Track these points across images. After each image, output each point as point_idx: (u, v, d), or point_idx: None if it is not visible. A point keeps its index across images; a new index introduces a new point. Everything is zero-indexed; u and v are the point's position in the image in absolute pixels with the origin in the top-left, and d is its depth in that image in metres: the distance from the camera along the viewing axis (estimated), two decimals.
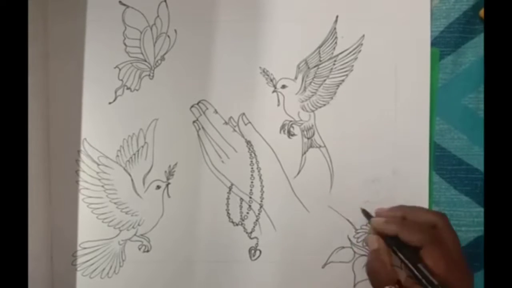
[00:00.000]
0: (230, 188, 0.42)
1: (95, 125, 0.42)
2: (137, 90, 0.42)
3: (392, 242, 0.34)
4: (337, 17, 0.42)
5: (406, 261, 0.33)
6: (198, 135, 0.42)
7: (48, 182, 0.42)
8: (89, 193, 0.42)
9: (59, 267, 0.42)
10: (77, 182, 0.42)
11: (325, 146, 0.42)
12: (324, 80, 0.42)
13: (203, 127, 0.42)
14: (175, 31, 0.42)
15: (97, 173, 0.42)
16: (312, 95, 0.42)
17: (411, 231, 0.33)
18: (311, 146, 0.42)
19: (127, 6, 0.42)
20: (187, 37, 0.42)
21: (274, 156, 0.42)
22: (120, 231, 0.42)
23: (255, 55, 0.42)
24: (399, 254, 0.33)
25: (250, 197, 0.42)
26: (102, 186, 0.42)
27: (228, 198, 0.42)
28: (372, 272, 0.34)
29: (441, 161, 0.42)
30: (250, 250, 0.42)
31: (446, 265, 0.32)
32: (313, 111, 0.42)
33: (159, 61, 0.42)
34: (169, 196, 0.42)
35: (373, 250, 0.35)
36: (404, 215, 0.36)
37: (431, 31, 0.42)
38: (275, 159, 0.42)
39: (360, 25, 0.42)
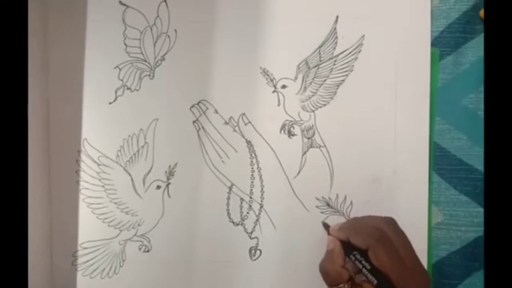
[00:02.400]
0: (230, 188, 0.42)
1: (95, 125, 0.42)
2: (137, 90, 0.42)
3: (345, 246, 0.36)
4: (337, 17, 0.42)
5: (356, 262, 0.34)
6: (198, 135, 0.42)
7: (48, 182, 0.42)
8: (89, 193, 0.42)
9: (59, 267, 0.42)
10: (77, 182, 0.42)
11: (325, 146, 0.42)
12: (324, 80, 0.42)
13: (203, 127, 0.42)
14: (175, 31, 0.42)
15: (97, 173, 0.42)
16: (313, 95, 0.42)
17: (358, 235, 0.35)
18: (311, 146, 0.42)
19: (127, 6, 0.42)
20: (187, 37, 0.42)
21: (274, 156, 0.42)
22: (120, 231, 0.42)
23: (255, 55, 0.42)
24: (351, 256, 0.35)
25: (251, 197, 0.42)
26: (103, 186, 0.42)
27: (228, 198, 0.42)
28: (323, 271, 0.36)
29: (441, 161, 0.42)
30: (250, 250, 0.42)
31: (391, 264, 0.33)
32: (313, 111, 0.42)
33: (159, 61, 0.42)
34: (169, 196, 0.42)
35: (328, 250, 0.37)
36: (354, 223, 0.38)
37: (431, 31, 0.42)
38: (275, 159, 0.42)
39: (360, 25, 0.42)
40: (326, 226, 0.40)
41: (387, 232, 0.34)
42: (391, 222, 0.36)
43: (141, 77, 0.42)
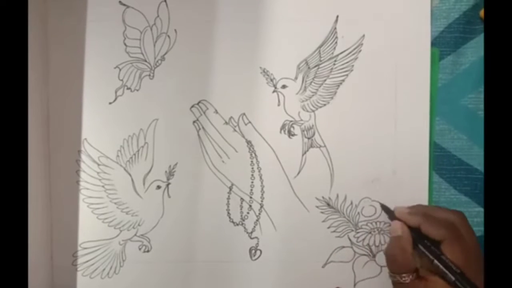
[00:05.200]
0: (230, 188, 0.42)
1: (95, 125, 0.42)
2: (137, 90, 0.42)
3: (414, 233, 0.35)
4: (337, 17, 0.42)
5: (428, 253, 0.34)
6: (199, 135, 0.42)
7: (48, 182, 0.42)
8: (89, 193, 0.42)
9: (59, 267, 0.42)
10: (77, 182, 0.42)
11: (325, 146, 0.42)
12: (325, 80, 0.42)
13: (203, 127, 0.42)
14: (175, 31, 0.42)
15: (98, 173, 0.42)
16: (313, 95, 0.42)
17: (432, 225, 0.34)
18: (311, 146, 0.42)
19: (127, 6, 0.42)
20: (187, 37, 0.42)
21: (274, 156, 0.42)
22: (121, 231, 0.42)
23: (255, 55, 0.42)
24: (421, 246, 0.34)
25: (251, 197, 0.42)
26: (103, 186, 0.42)
27: (228, 198, 0.42)
28: (392, 258, 0.35)
29: (441, 161, 0.42)
30: (250, 250, 0.42)
31: (466, 260, 0.33)
32: (313, 111, 0.42)
33: (159, 61, 0.42)
34: (169, 196, 0.42)
35: (395, 236, 0.36)
36: (424, 211, 0.37)
37: (431, 31, 0.42)
38: (275, 159, 0.42)
39: (360, 25, 0.42)
40: (386, 209, 0.39)
41: (459, 227, 0.34)
42: (463, 217, 0.35)
43: (141, 77, 0.42)
